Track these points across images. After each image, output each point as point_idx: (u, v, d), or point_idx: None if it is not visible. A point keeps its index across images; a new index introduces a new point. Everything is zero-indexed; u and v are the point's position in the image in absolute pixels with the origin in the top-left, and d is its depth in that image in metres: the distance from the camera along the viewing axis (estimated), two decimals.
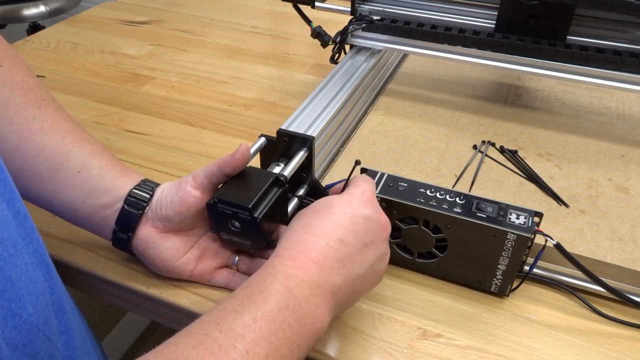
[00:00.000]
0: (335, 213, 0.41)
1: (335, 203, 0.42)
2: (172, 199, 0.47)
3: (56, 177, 0.47)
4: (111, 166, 0.49)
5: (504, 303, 0.50)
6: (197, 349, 0.33)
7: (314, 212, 0.42)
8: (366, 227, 0.41)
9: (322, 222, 0.41)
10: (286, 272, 0.37)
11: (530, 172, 0.64)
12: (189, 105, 0.80)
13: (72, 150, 0.48)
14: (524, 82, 0.84)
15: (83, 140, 0.49)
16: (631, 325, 0.48)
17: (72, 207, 0.48)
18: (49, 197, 0.48)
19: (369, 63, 0.75)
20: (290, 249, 0.39)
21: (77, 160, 0.48)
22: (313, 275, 0.38)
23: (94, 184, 0.48)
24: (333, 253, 0.39)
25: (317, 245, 0.39)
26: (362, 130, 0.71)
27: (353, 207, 0.42)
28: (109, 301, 0.57)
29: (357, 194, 0.43)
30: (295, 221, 0.43)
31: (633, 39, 0.66)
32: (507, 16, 0.70)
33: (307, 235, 0.40)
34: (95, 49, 0.98)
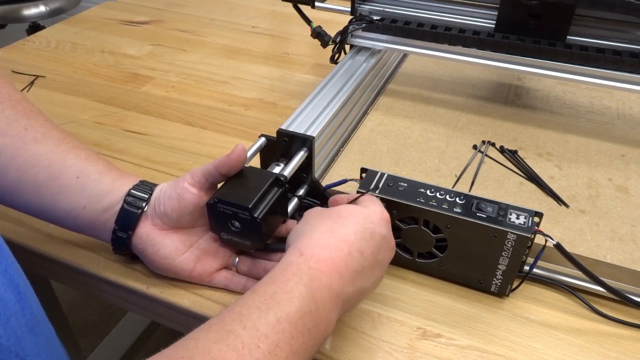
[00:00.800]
0: (359, 224, 0.42)
1: (358, 214, 0.43)
2: (170, 195, 0.48)
3: (54, 185, 0.47)
4: (108, 170, 0.50)
5: (504, 303, 0.50)
6: (219, 345, 0.33)
7: (337, 217, 0.42)
8: (381, 245, 0.43)
9: (347, 230, 0.41)
10: (311, 275, 0.38)
11: (530, 172, 0.64)
12: (189, 105, 0.80)
13: (68, 157, 0.48)
14: (524, 82, 0.84)
15: (76, 147, 0.50)
16: (631, 325, 0.48)
17: (72, 214, 0.48)
18: (49, 206, 0.48)
19: (369, 63, 0.75)
20: (316, 251, 0.39)
21: (74, 167, 0.48)
22: (333, 282, 0.38)
23: (93, 189, 0.48)
24: (353, 263, 0.40)
25: (341, 253, 0.40)
26: (362, 130, 0.71)
27: (374, 223, 0.43)
28: (109, 301, 0.57)
29: (378, 212, 0.44)
30: (317, 220, 0.43)
31: (633, 39, 0.66)
32: (507, 16, 0.70)
33: (334, 240, 0.40)
34: (95, 49, 0.98)
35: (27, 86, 0.85)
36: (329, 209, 0.44)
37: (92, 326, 1.44)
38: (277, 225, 0.52)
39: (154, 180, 0.64)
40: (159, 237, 0.48)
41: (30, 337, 0.42)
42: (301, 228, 0.43)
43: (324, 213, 0.43)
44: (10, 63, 0.92)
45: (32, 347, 0.42)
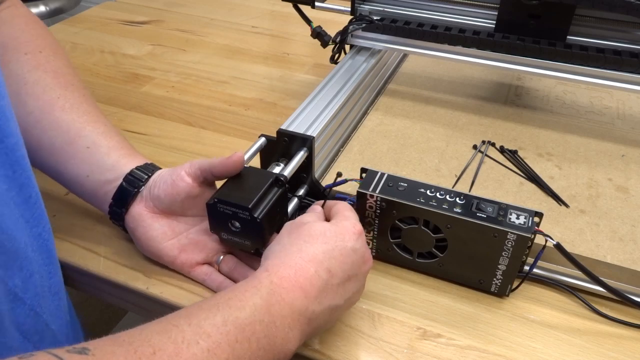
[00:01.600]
0: (328, 243, 0.42)
1: (329, 233, 0.43)
2: (166, 180, 0.50)
3: (68, 150, 0.51)
4: (119, 147, 0.52)
5: (504, 303, 0.50)
6: (161, 335, 0.33)
7: (307, 236, 0.42)
8: (352, 260, 0.43)
9: (314, 249, 0.41)
10: (271, 289, 0.38)
11: (530, 172, 0.64)
12: (189, 105, 0.80)
13: (86, 128, 0.52)
14: (524, 82, 0.84)
15: (98, 121, 0.53)
16: (631, 325, 0.48)
17: (78, 181, 0.51)
18: (61, 169, 0.52)
19: (369, 63, 0.75)
20: (280, 269, 0.40)
21: (88, 138, 0.52)
22: (296, 300, 0.39)
23: (99, 160, 0.51)
24: (320, 282, 0.40)
25: (307, 272, 0.40)
26: (362, 130, 0.71)
27: (345, 240, 0.43)
28: (109, 301, 0.57)
29: (349, 227, 0.44)
30: (288, 239, 0.43)
31: (633, 39, 0.66)
32: (507, 16, 0.70)
33: (300, 259, 0.40)
34: (95, 49, 0.98)
35: None
36: (301, 226, 0.44)
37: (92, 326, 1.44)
38: (277, 225, 0.52)
39: None
40: (150, 219, 0.50)
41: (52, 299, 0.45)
42: (274, 247, 0.43)
43: (295, 232, 0.44)
44: None
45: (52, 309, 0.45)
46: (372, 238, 0.52)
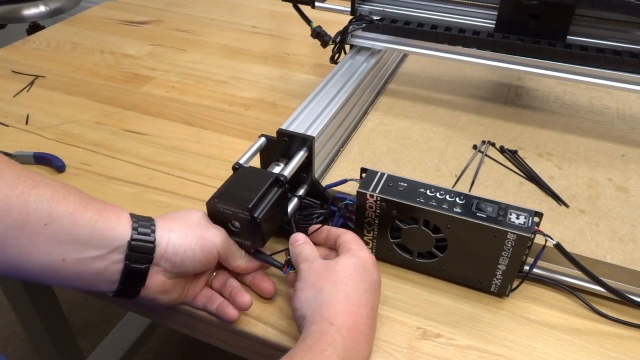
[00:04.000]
0: (364, 281, 0.44)
1: (360, 269, 0.45)
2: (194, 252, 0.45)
3: (21, 237, 0.39)
4: (82, 208, 0.41)
5: (504, 303, 0.50)
6: None
7: (345, 278, 0.44)
8: (376, 288, 0.46)
9: (358, 291, 0.43)
10: (344, 344, 0.40)
11: (530, 172, 0.64)
12: (189, 105, 0.80)
13: (29, 200, 0.39)
14: (524, 82, 0.84)
15: (37, 184, 0.40)
16: (631, 325, 0.48)
17: (52, 268, 0.40)
18: (21, 263, 0.40)
19: (369, 63, 0.75)
20: (343, 319, 0.41)
21: (39, 211, 0.39)
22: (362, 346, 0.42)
23: (69, 236, 0.40)
24: (370, 322, 0.43)
25: (361, 317, 0.42)
26: (362, 130, 0.71)
27: (372, 273, 0.46)
28: (109, 301, 0.56)
29: (369, 259, 0.46)
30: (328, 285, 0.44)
31: (633, 39, 0.66)
32: (507, 16, 0.70)
33: (351, 306, 0.42)
34: (95, 49, 0.98)
35: (27, 86, 0.85)
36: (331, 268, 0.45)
37: (92, 326, 1.44)
38: (277, 225, 0.52)
39: (153, 180, 0.65)
40: (171, 285, 0.46)
41: None
42: (315, 296, 0.43)
43: (331, 276, 0.44)
44: (10, 63, 0.92)
45: None
46: (372, 238, 0.52)
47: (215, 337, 0.51)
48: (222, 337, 0.51)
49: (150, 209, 0.60)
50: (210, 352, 1.36)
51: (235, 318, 0.48)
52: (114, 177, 0.65)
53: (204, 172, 0.66)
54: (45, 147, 0.70)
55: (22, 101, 0.81)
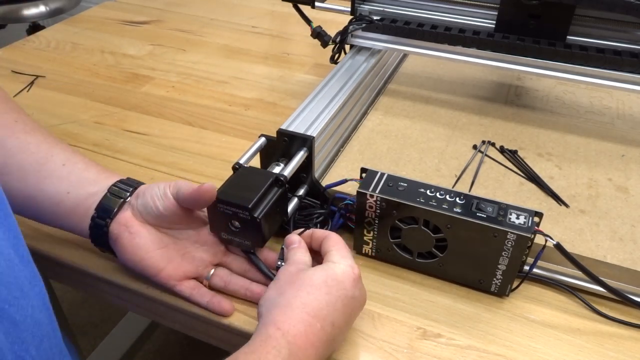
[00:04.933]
0: (331, 294, 0.42)
1: (331, 282, 0.43)
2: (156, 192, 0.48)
3: (41, 170, 0.49)
4: (94, 164, 0.52)
5: (504, 303, 0.50)
6: None
7: (309, 287, 0.42)
8: (352, 308, 0.44)
9: (318, 303, 0.42)
10: (290, 350, 0.39)
11: (530, 172, 0.64)
12: (189, 105, 0.80)
13: (55, 148, 0.51)
14: (524, 82, 0.84)
15: (63, 143, 0.52)
16: (631, 325, 0.48)
17: (56, 199, 0.49)
18: (33, 191, 0.49)
19: (369, 63, 0.75)
20: (291, 326, 0.40)
21: (61, 155, 0.50)
22: (309, 357, 0.40)
23: (79, 175, 0.50)
24: (326, 337, 0.41)
25: (315, 329, 0.41)
26: (362, 130, 0.71)
27: (346, 288, 0.43)
28: (109, 301, 0.57)
29: (349, 272, 0.44)
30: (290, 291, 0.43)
31: (633, 39, 0.66)
32: (507, 16, 0.70)
33: (306, 315, 0.41)
34: (95, 49, 0.98)
35: (27, 86, 0.85)
36: (301, 275, 0.44)
37: (92, 326, 1.44)
38: (277, 226, 0.52)
39: (153, 180, 0.64)
40: (138, 225, 0.48)
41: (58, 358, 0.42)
42: (274, 298, 0.43)
43: (296, 282, 0.43)
44: (10, 63, 0.92)
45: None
46: (372, 238, 0.52)
47: (215, 337, 0.51)
48: (221, 337, 0.51)
49: None
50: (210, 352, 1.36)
51: (229, 312, 0.48)
52: None
53: (204, 172, 0.66)
54: None
55: (22, 101, 0.81)
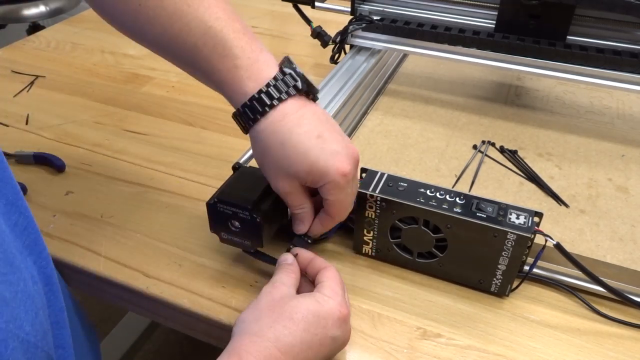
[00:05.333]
0: (309, 331, 0.40)
1: (312, 318, 0.41)
2: None
3: None
4: None
5: (504, 303, 0.50)
6: None
7: (288, 320, 0.40)
8: (330, 348, 0.42)
9: (293, 339, 0.39)
10: None
11: (530, 172, 0.64)
12: (189, 105, 0.80)
13: None
14: (524, 82, 0.84)
15: None
16: (631, 325, 0.48)
17: (204, 27, 0.44)
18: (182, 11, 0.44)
19: (369, 63, 0.75)
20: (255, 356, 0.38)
21: None
22: None
23: None
24: None
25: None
26: (362, 130, 0.71)
27: (327, 328, 0.41)
28: (109, 301, 0.57)
29: (335, 312, 0.42)
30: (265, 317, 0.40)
31: (633, 39, 0.66)
32: (507, 16, 0.70)
33: (275, 350, 0.39)
34: (95, 49, 0.98)
35: (27, 86, 0.85)
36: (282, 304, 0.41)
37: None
38: (277, 226, 0.52)
39: (153, 180, 0.65)
40: None
41: (56, 330, 0.42)
42: (249, 323, 0.41)
43: (276, 310, 0.41)
44: (10, 63, 0.92)
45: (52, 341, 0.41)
46: (372, 238, 0.52)
47: (215, 337, 0.51)
48: (221, 337, 0.51)
49: (150, 209, 0.60)
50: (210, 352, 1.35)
51: None
52: (114, 177, 0.65)
53: (204, 172, 0.66)
54: (45, 147, 0.70)
55: (22, 101, 0.81)
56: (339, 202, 0.45)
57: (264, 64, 0.44)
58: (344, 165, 0.43)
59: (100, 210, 0.60)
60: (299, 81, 0.44)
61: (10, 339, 0.33)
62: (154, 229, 0.57)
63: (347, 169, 0.43)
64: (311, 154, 0.43)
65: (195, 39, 0.44)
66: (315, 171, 0.43)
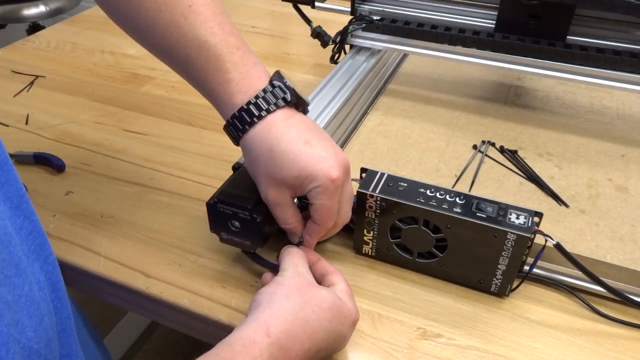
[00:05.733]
0: (332, 323, 0.41)
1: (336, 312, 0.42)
2: None
3: None
4: None
5: (504, 303, 0.50)
6: None
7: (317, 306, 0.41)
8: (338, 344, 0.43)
9: (319, 326, 0.40)
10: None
11: (530, 172, 0.64)
12: (189, 105, 0.80)
13: None
14: (524, 82, 0.84)
15: None
16: (631, 325, 0.48)
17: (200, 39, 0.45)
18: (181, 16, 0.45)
19: (369, 63, 0.75)
20: (282, 337, 0.39)
21: None
22: None
23: None
24: (306, 358, 0.40)
25: (302, 347, 0.39)
26: (362, 130, 0.71)
27: (344, 326, 0.42)
28: (109, 301, 0.57)
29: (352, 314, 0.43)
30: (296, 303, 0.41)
31: (633, 39, 0.66)
32: (507, 16, 0.70)
33: (302, 333, 0.39)
34: (95, 49, 0.98)
35: (27, 86, 0.85)
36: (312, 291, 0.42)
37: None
38: (277, 226, 0.52)
39: (153, 180, 0.65)
40: None
41: (62, 339, 0.41)
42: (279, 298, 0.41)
43: (307, 293, 0.42)
44: (10, 63, 0.92)
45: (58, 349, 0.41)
46: (372, 238, 0.52)
47: (215, 336, 0.51)
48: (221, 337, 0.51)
49: (150, 209, 0.60)
50: None
51: None
52: (114, 177, 0.65)
53: (204, 172, 0.66)
54: (45, 147, 0.70)
55: (22, 101, 0.81)
56: (326, 208, 0.45)
57: (256, 77, 0.45)
58: (332, 170, 0.44)
59: (100, 210, 0.60)
60: (288, 94, 0.45)
61: (10, 343, 0.32)
62: (154, 229, 0.57)
63: (336, 174, 0.44)
64: (299, 159, 0.43)
65: (190, 51, 0.45)
66: (304, 175, 0.43)
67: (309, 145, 0.44)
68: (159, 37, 0.46)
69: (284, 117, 0.45)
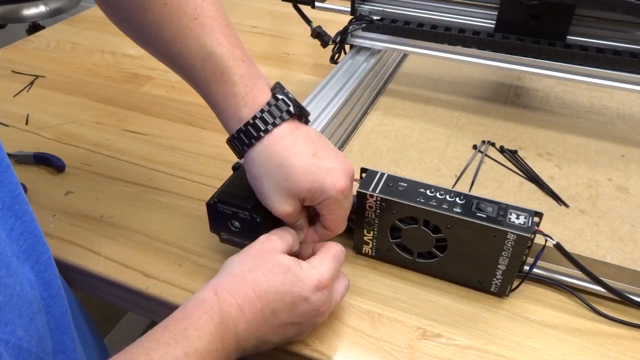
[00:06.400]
0: (285, 285, 0.41)
1: (290, 277, 0.42)
2: None
3: None
4: None
5: (504, 303, 0.50)
6: None
7: (268, 270, 0.42)
8: (302, 310, 0.42)
9: (268, 286, 0.41)
10: (222, 318, 0.39)
11: (530, 172, 0.64)
12: (189, 105, 0.80)
13: None
14: (524, 82, 0.84)
15: None
16: (631, 325, 0.48)
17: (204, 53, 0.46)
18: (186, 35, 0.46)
19: (369, 63, 0.75)
20: (230, 296, 0.40)
21: None
22: (239, 330, 0.40)
23: None
24: (262, 319, 0.41)
25: (254, 307, 0.40)
26: (362, 130, 0.71)
27: (302, 289, 0.42)
28: (109, 301, 0.57)
29: (313, 279, 0.42)
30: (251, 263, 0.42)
31: (633, 39, 0.66)
32: (507, 16, 0.70)
33: (251, 292, 0.40)
34: (95, 49, 0.98)
35: (27, 86, 0.85)
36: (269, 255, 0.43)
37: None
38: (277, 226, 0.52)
39: (153, 180, 0.65)
40: None
41: (56, 335, 0.42)
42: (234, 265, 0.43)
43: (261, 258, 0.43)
44: (10, 63, 0.92)
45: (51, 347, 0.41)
46: (372, 238, 0.52)
47: None
48: None
49: (150, 209, 0.60)
50: None
51: None
52: (114, 177, 0.65)
53: (204, 172, 0.66)
54: (45, 147, 0.70)
55: (22, 101, 0.81)
56: (338, 217, 0.47)
57: (260, 90, 0.46)
58: (340, 181, 0.45)
59: (100, 210, 0.60)
60: (291, 106, 0.45)
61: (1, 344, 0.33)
62: (154, 229, 0.57)
63: (344, 185, 0.45)
64: (309, 172, 0.44)
65: (196, 62, 0.45)
66: (315, 188, 0.44)
67: (317, 158, 0.44)
68: (164, 48, 0.46)
69: (290, 130, 0.45)
